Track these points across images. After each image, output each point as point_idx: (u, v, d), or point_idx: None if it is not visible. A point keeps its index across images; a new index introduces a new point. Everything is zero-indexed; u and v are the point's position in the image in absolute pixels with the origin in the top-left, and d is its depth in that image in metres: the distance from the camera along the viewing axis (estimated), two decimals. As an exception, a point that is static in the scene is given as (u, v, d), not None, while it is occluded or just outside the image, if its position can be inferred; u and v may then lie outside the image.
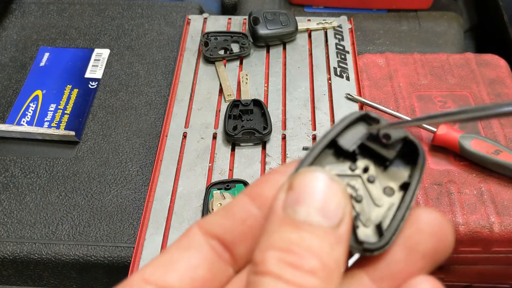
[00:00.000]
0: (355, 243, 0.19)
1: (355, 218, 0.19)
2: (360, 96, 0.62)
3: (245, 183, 0.52)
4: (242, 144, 0.57)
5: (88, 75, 0.69)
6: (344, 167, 0.21)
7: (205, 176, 0.54)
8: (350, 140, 0.21)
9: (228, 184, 0.52)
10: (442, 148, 0.58)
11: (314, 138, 0.58)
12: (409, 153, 0.21)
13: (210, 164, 0.55)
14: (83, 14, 0.78)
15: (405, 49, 0.77)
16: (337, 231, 0.17)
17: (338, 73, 0.65)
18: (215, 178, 0.54)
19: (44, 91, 0.67)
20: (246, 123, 0.58)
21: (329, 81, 0.64)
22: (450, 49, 0.76)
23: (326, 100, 0.62)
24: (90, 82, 0.68)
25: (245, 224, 0.20)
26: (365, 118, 0.21)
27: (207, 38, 0.67)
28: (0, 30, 0.76)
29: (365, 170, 0.21)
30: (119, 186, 0.57)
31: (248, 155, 0.56)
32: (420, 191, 0.55)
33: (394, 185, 0.21)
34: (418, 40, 0.78)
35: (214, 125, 0.59)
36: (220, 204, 0.49)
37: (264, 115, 0.58)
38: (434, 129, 0.57)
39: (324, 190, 0.17)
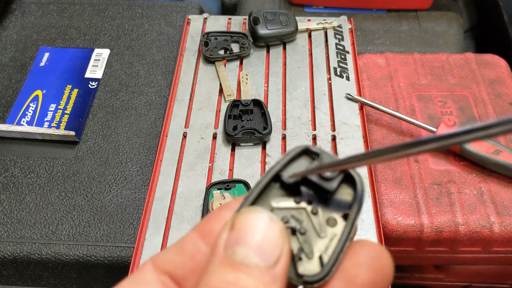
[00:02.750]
0: (295, 276, 0.20)
1: (300, 250, 0.20)
2: (360, 96, 0.62)
3: (245, 183, 0.52)
4: (242, 144, 0.57)
5: (88, 75, 0.69)
6: (289, 199, 0.22)
7: (205, 176, 0.54)
8: (293, 174, 0.22)
9: (228, 184, 0.52)
10: (442, 148, 0.58)
11: (314, 138, 0.58)
12: (351, 184, 0.21)
13: (210, 164, 0.55)
14: (83, 14, 0.78)
15: (405, 49, 0.77)
16: (273, 270, 0.18)
17: (338, 73, 0.65)
18: (215, 178, 0.54)
19: (44, 91, 0.67)
20: (246, 123, 0.58)
21: (329, 81, 0.64)
22: (450, 49, 0.76)
23: (326, 100, 0.62)
24: (90, 82, 0.68)
25: (194, 260, 0.20)
26: (307, 152, 0.22)
27: (207, 38, 0.67)
28: (0, 30, 0.76)
29: (310, 202, 0.21)
30: (119, 186, 0.57)
31: (248, 155, 0.56)
32: (420, 191, 0.55)
33: (337, 216, 0.21)
34: (418, 40, 0.78)
35: (214, 125, 0.59)
36: (220, 204, 0.49)
37: (264, 115, 0.58)
38: (434, 129, 0.57)
39: (263, 231, 0.18)
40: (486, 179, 0.56)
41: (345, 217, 0.21)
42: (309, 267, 0.20)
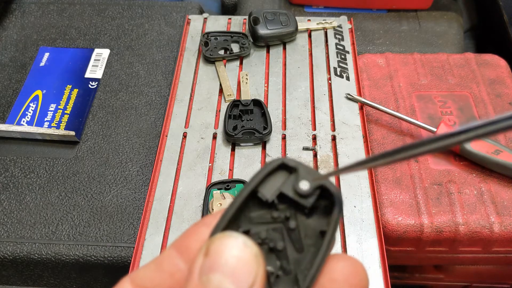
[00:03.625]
0: None
1: (277, 268, 0.20)
2: (360, 96, 0.62)
3: (245, 183, 0.52)
4: (242, 144, 0.57)
5: (88, 75, 0.69)
6: (267, 216, 0.21)
7: (205, 176, 0.54)
8: (270, 190, 0.21)
9: (228, 184, 0.52)
10: (442, 148, 0.58)
11: (314, 138, 0.58)
12: (330, 198, 0.21)
13: (210, 164, 0.55)
14: (83, 14, 0.78)
15: (405, 49, 0.77)
16: None
17: (338, 73, 0.65)
18: (215, 178, 0.54)
19: (44, 91, 0.67)
20: (246, 123, 0.58)
21: (329, 81, 0.64)
22: (450, 49, 0.76)
23: (326, 100, 0.62)
24: (90, 82, 0.68)
25: (173, 278, 0.21)
26: (283, 166, 0.22)
27: (207, 38, 0.67)
28: (0, 30, 0.76)
29: (287, 218, 0.21)
30: (119, 186, 0.57)
31: (248, 155, 0.56)
32: (420, 191, 0.55)
33: (315, 231, 0.21)
34: (418, 40, 0.78)
35: (214, 125, 0.59)
36: (220, 204, 0.49)
37: (264, 115, 0.58)
38: (434, 129, 0.57)
39: (237, 257, 0.19)
40: (486, 179, 0.56)
41: (323, 233, 0.21)
42: (286, 286, 0.20)
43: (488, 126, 0.15)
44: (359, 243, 0.49)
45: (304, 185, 0.21)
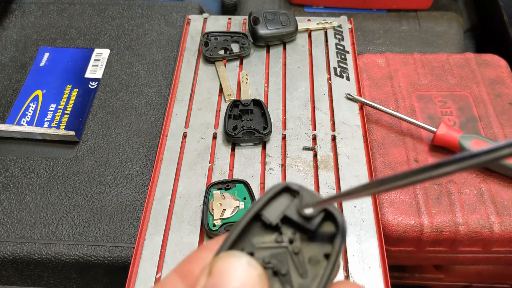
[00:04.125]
0: None
1: None
2: (360, 96, 0.62)
3: (245, 183, 0.52)
4: (242, 144, 0.57)
5: (88, 75, 0.69)
6: (271, 238, 0.21)
7: (205, 176, 0.54)
8: (274, 213, 0.21)
9: (228, 184, 0.52)
10: (442, 148, 0.58)
11: (314, 138, 0.58)
12: (333, 221, 0.21)
13: (210, 164, 0.55)
14: (83, 14, 0.78)
15: (405, 49, 0.77)
16: None
17: (338, 73, 0.65)
18: (215, 178, 0.54)
19: (44, 91, 0.67)
20: (246, 123, 0.58)
21: (329, 81, 0.64)
22: (450, 49, 0.76)
23: (326, 100, 0.62)
24: (90, 82, 0.68)
25: None
26: (287, 190, 0.22)
27: (207, 38, 0.67)
28: (0, 30, 0.76)
29: (291, 241, 0.21)
30: (119, 186, 0.57)
31: (248, 155, 0.56)
32: (420, 191, 0.55)
33: (319, 255, 0.21)
34: (418, 40, 0.78)
35: (214, 125, 0.59)
36: (220, 204, 0.49)
37: (264, 115, 0.58)
38: (434, 129, 0.57)
39: (241, 277, 0.18)
40: (486, 179, 0.56)
41: (327, 256, 0.21)
42: None
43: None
44: (359, 243, 0.49)
45: (308, 209, 0.21)
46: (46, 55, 0.71)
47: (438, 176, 0.15)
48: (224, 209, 0.49)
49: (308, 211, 0.21)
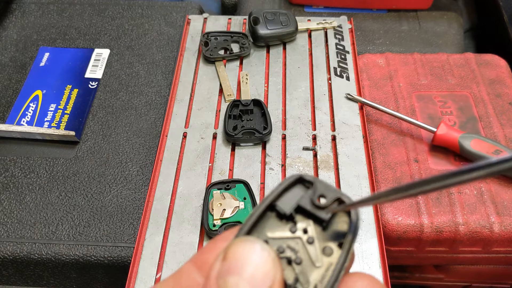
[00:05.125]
0: None
1: (295, 280, 0.20)
2: (360, 96, 0.62)
3: (245, 183, 0.52)
4: (242, 144, 0.57)
5: (88, 75, 0.69)
6: (285, 229, 0.22)
7: (205, 176, 0.54)
8: (288, 204, 0.22)
9: (228, 184, 0.52)
10: (442, 148, 0.58)
11: (314, 138, 0.58)
12: (347, 212, 0.21)
13: (210, 164, 0.55)
14: (83, 14, 0.78)
15: (405, 49, 0.77)
16: None
17: (338, 73, 0.65)
18: (215, 178, 0.54)
19: (44, 91, 0.67)
20: (246, 123, 0.58)
21: (329, 81, 0.64)
22: (450, 49, 0.76)
23: (326, 100, 0.62)
24: (90, 82, 0.68)
25: None
26: (301, 181, 0.22)
27: (207, 38, 0.67)
28: (0, 30, 0.76)
29: (305, 231, 0.21)
30: (119, 186, 0.57)
31: (248, 155, 0.56)
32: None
33: (333, 245, 0.21)
34: (418, 40, 0.78)
35: (214, 125, 0.59)
36: (220, 204, 0.49)
37: (264, 115, 0.58)
38: (434, 129, 0.57)
39: (255, 261, 0.18)
40: (486, 179, 0.56)
41: (341, 245, 0.21)
42: None
43: None
44: (359, 243, 0.49)
45: (322, 199, 0.21)
46: (46, 55, 0.71)
47: (466, 181, 0.15)
48: (224, 209, 0.49)
49: (322, 201, 0.21)
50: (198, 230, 0.50)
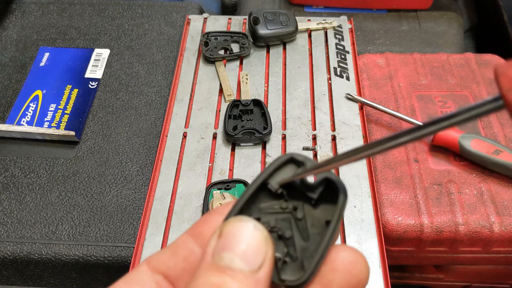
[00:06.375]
0: (278, 280, 0.21)
1: (285, 255, 0.22)
2: (360, 96, 0.62)
3: (245, 183, 0.52)
4: (242, 144, 0.57)
5: (88, 75, 0.69)
6: (276, 206, 0.23)
7: (205, 176, 0.54)
8: (279, 182, 0.23)
9: (228, 184, 0.52)
10: (442, 148, 0.58)
11: (314, 138, 0.58)
12: (335, 191, 0.22)
13: (210, 164, 0.55)
14: (83, 14, 0.78)
15: (405, 49, 0.77)
16: (257, 274, 0.20)
17: (338, 73, 0.65)
18: (215, 178, 0.54)
19: (44, 91, 0.67)
20: (246, 123, 0.58)
21: (329, 81, 0.64)
22: (450, 49, 0.76)
23: (326, 100, 0.62)
24: (90, 82, 0.68)
25: (187, 261, 0.22)
26: (292, 160, 0.23)
27: (207, 38, 0.67)
28: (0, 30, 0.76)
29: (295, 208, 0.23)
30: (119, 186, 0.57)
31: (248, 155, 0.56)
32: (420, 191, 0.55)
33: (321, 221, 0.22)
34: (418, 40, 0.78)
35: (214, 125, 0.59)
36: (220, 204, 0.49)
37: (264, 115, 0.58)
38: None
39: (248, 238, 0.20)
40: (486, 179, 0.56)
41: (328, 223, 0.22)
42: (292, 271, 0.21)
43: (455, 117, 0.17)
44: (359, 243, 0.49)
45: (311, 178, 0.22)
46: (46, 55, 0.71)
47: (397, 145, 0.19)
48: (224, 209, 0.49)
49: (311, 179, 0.22)
50: (198, 230, 0.50)
